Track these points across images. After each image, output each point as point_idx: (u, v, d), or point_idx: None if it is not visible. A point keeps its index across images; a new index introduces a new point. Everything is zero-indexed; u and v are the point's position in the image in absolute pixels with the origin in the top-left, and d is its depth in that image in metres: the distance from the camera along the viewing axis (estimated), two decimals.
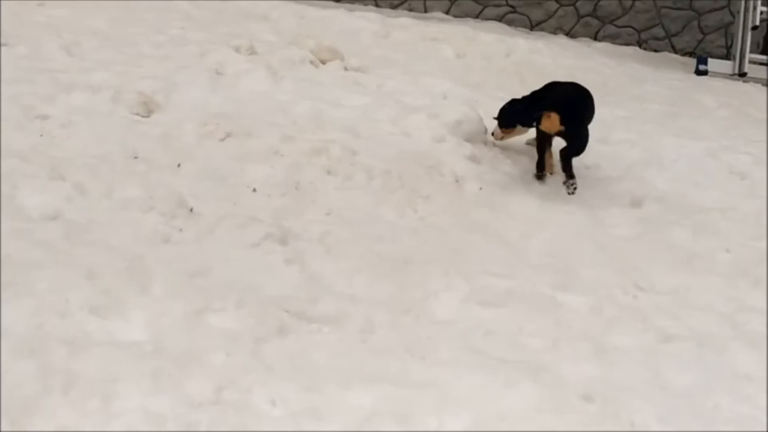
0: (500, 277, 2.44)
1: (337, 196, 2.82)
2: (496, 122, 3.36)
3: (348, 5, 6.42)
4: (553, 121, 2.98)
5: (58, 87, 3.13)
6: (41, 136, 2.76)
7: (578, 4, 6.99)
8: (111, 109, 3.05)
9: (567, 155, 3.00)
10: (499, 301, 2.32)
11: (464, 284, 2.37)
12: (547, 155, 3.11)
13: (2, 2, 4.41)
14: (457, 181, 3.12)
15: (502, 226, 2.80)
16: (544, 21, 6.98)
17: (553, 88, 3.30)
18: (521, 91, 4.99)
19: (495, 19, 6.84)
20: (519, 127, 3.28)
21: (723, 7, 6.99)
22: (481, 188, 3.08)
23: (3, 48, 3.52)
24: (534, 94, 3.28)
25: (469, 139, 3.47)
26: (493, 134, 3.39)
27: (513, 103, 3.31)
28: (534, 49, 5.89)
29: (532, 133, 3.32)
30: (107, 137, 2.83)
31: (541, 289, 2.43)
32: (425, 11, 6.83)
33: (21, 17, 4.14)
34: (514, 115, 3.23)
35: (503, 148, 3.50)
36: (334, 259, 2.40)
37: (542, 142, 3.13)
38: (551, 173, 3.13)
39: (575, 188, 2.98)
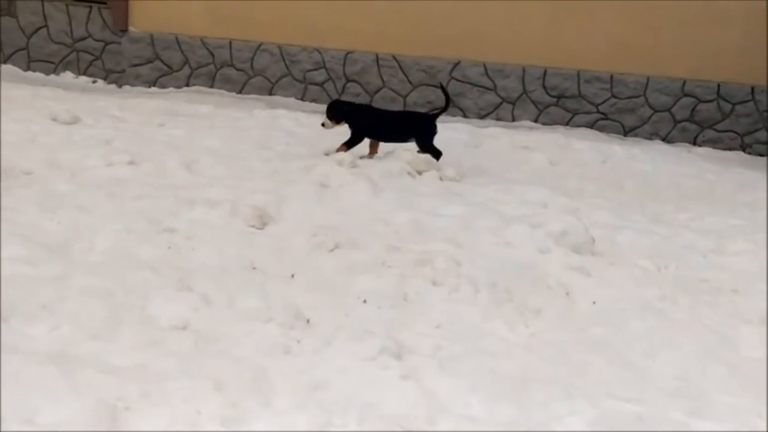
0: (627, 402, 2.39)
1: (444, 309, 2.91)
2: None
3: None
4: None
5: (181, 202, 3.53)
6: (169, 248, 3.09)
7: (674, 109, 7.09)
8: (228, 222, 3.39)
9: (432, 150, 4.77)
10: (630, 427, 2.26)
11: (589, 408, 2.33)
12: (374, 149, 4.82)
13: (128, 124, 5.11)
14: (567, 294, 3.14)
15: (622, 345, 2.76)
16: (638, 127, 7.11)
17: (377, 110, 5.04)
18: (621, 198, 5.02)
19: (586, 126, 7.05)
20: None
21: None
22: (594, 302, 3.07)
23: (131, 166, 4.05)
24: (355, 106, 4.84)
25: (576, 249, 3.52)
26: (323, 125, 4.68)
27: (340, 103, 4.84)
28: (631, 155, 5.99)
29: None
30: (227, 249, 3.13)
31: (674, 415, 2.35)
32: (513, 120, 7.16)
33: (144, 137, 4.78)
34: (343, 113, 4.69)
35: (613, 260, 3.51)
36: (449, 376, 2.44)
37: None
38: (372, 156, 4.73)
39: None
